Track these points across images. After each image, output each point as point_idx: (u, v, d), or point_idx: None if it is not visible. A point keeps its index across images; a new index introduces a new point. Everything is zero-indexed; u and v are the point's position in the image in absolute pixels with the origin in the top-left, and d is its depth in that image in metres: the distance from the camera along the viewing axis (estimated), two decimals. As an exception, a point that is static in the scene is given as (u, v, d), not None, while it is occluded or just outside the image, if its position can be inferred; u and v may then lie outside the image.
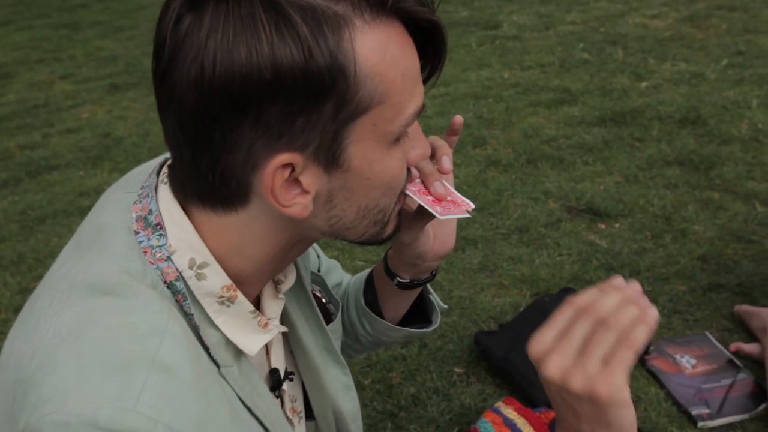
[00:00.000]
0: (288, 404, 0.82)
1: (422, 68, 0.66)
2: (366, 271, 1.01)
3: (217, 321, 0.65)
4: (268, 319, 0.70)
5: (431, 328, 1.00)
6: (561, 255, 2.24)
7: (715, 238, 2.22)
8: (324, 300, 0.92)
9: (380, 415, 1.70)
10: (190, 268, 0.63)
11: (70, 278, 0.62)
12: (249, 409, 0.66)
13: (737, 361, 1.71)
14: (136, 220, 0.65)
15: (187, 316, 0.62)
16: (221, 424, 0.59)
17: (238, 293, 0.66)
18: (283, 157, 0.59)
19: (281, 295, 0.76)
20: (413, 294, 0.97)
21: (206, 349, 0.63)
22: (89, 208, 0.73)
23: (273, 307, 0.75)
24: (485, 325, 1.96)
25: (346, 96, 0.58)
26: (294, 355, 0.85)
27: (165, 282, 0.62)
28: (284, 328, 0.75)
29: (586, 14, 4.70)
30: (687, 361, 1.73)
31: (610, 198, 2.51)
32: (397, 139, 0.63)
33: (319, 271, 0.97)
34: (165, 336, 0.58)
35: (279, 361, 0.80)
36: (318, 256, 1.00)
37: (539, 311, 1.82)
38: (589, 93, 3.45)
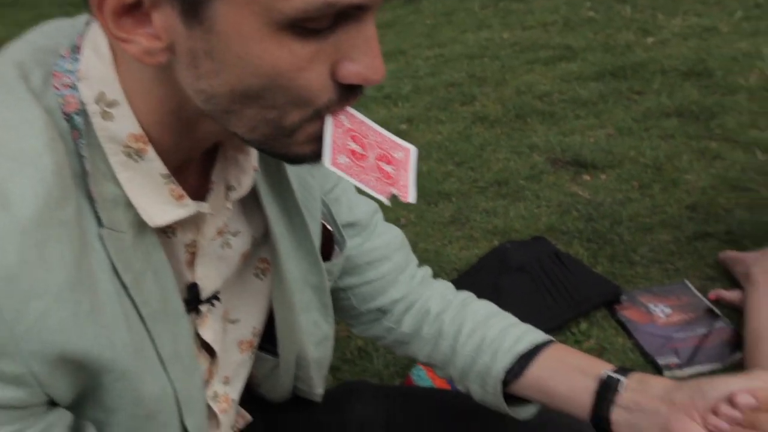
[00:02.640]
0: (213, 327, 0.68)
1: None
2: (512, 341, 0.79)
3: (121, 176, 0.54)
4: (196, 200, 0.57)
5: (529, 414, 0.82)
6: (539, 207, 2.08)
7: (708, 187, 2.04)
8: (330, 229, 0.77)
9: (323, 368, 1.58)
10: (96, 102, 0.52)
11: None
12: (124, 286, 0.54)
13: (716, 310, 1.54)
14: (69, 48, 0.54)
15: (78, 158, 0.52)
16: (42, 285, 0.48)
17: (149, 148, 0.54)
18: None
19: (229, 205, 0.63)
20: None
21: (91, 200, 0.53)
22: None
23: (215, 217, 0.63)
24: (448, 276, 1.82)
25: None
26: (272, 285, 0.72)
27: (65, 113, 0.52)
28: (206, 208, 0.60)
29: (598, -25, 4.48)
30: (661, 311, 1.57)
31: (599, 150, 2.34)
32: (301, 28, 0.46)
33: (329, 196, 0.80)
34: (27, 168, 0.49)
35: (209, 280, 0.66)
36: (338, 179, 0.80)
37: (498, 258, 1.67)
38: (591, 49, 3.26)
